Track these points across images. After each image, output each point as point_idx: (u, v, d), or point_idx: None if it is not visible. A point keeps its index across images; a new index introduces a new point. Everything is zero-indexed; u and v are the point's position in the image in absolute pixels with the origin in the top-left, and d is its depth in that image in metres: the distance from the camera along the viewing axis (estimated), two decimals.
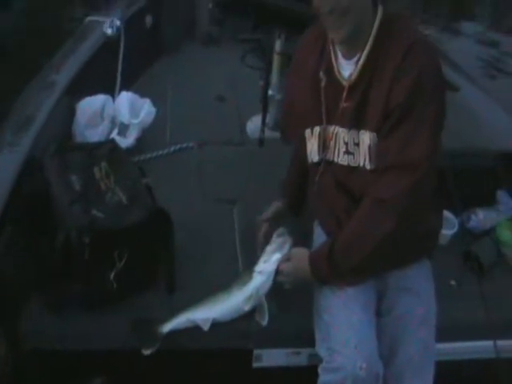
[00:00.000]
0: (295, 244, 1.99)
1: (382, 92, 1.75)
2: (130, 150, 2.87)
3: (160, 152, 2.97)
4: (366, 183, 1.83)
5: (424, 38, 1.80)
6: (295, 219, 2.28)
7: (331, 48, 1.88)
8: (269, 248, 1.96)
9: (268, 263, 1.94)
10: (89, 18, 3.75)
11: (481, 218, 2.62)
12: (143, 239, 2.08)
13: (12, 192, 2.12)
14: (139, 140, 3.00)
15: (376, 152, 1.79)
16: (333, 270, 1.84)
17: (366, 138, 1.81)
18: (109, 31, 3.55)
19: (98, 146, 2.40)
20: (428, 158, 1.75)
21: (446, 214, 2.48)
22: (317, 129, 1.93)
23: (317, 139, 1.93)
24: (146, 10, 4.08)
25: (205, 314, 1.97)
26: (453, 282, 2.33)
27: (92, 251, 1.96)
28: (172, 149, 3.01)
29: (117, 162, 2.30)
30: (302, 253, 1.92)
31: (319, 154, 1.94)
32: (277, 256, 1.93)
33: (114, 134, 2.90)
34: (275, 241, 1.97)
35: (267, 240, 2.04)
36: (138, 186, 2.22)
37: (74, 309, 2.03)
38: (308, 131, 1.96)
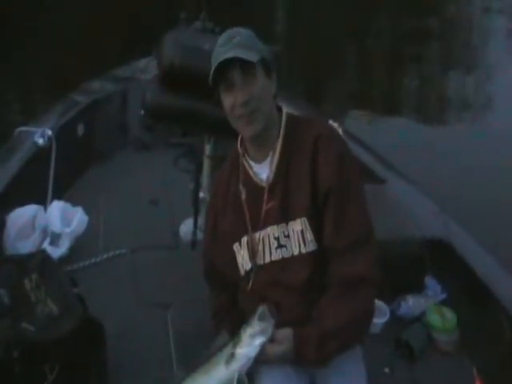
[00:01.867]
0: None
1: (303, 182, 1.87)
2: (63, 259, 2.88)
3: (93, 260, 2.98)
4: (305, 267, 1.89)
5: (328, 128, 1.99)
6: None
7: (244, 160, 2.00)
8: (251, 330, 1.85)
9: (252, 347, 1.83)
10: (19, 129, 3.79)
11: (410, 304, 2.70)
12: (75, 350, 2.06)
13: None
14: (72, 249, 3.00)
15: (324, 234, 1.86)
16: (319, 355, 1.83)
17: (297, 225, 1.89)
18: (40, 141, 3.59)
19: (28, 257, 2.41)
20: (371, 227, 1.89)
21: (377, 302, 2.54)
22: (244, 239, 2.00)
23: (246, 248, 2.00)
24: (78, 118, 4.16)
25: None
26: (386, 370, 2.36)
27: (22, 365, 1.94)
28: (105, 256, 3.02)
29: (48, 273, 2.30)
30: (288, 335, 1.86)
31: (250, 262, 2.00)
32: (261, 340, 1.83)
33: (46, 244, 2.90)
34: (258, 324, 1.85)
35: None
36: (70, 296, 2.21)
37: None
38: (236, 245, 2.02)
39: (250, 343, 1.84)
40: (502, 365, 2.33)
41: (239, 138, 2.05)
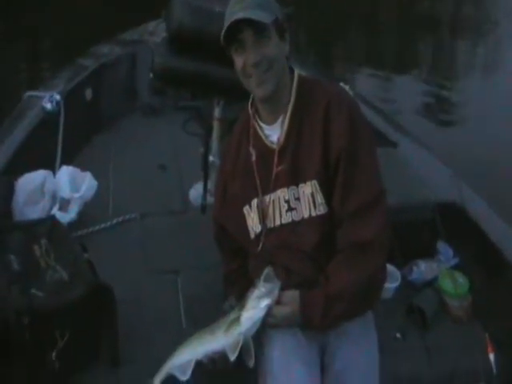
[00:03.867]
0: None
1: (314, 145, 1.86)
2: (72, 225, 2.86)
3: (103, 225, 2.97)
4: (315, 231, 1.89)
5: (340, 90, 2.00)
6: None
7: (254, 122, 1.97)
8: (257, 292, 1.84)
9: (257, 309, 1.82)
10: (28, 94, 3.77)
11: (422, 269, 2.67)
12: (85, 315, 2.06)
13: None
14: (81, 214, 2.99)
15: (335, 197, 1.85)
16: (325, 318, 1.83)
17: (307, 188, 1.88)
18: (48, 106, 3.58)
19: (37, 223, 2.40)
20: (383, 191, 1.88)
21: (389, 267, 2.52)
22: (254, 202, 1.98)
23: (256, 211, 1.99)
24: (86, 83, 4.12)
25: (188, 356, 1.89)
26: (398, 335, 2.35)
27: (32, 331, 1.94)
28: (115, 221, 3.01)
29: (57, 239, 2.29)
30: (294, 297, 1.87)
31: (260, 224, 1.98)
32: (266, 302, 1.82)
33: (55, 210, 2.88)
34: (263, 285, 1.84)
35: None
36: (80, 261, 2.21)
37: None
38: (246, 208, 2.01)
39: (255, 305, 1.83)
40: None
41: (250, 100, 2.02)
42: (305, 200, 1.89)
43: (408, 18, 9.94)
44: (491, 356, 2.23)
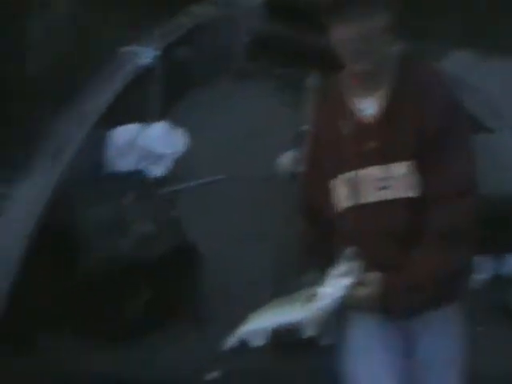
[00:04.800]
0: None
1: (409, 125, 1.78)
2: (161, 181, 2.88)
3: (190, 183, 2.97)
4: (404, 213, 1.81)
5: (436, 72, 1.90)
6: None
7: (349, 95, 1.90)
8: (338, 271, 1.77)
9: (337, 288, 1.76)
10: (123, 49, 3.81)
11: None
12: (169, 271, 2.09)
13: (40, 223, 2.13)
14: (170, 170, 3.01)
15: (427, 181, 1.77)
16: (405, 305, 1.76)
17: (400, 168, 1.80)
18: (143, 61, 3.61)
19: (127, 176, 2.44)
20: (475, 179, 1.79)
21: (479, 258, 2.43)
22: (343, 176, 1.92)
23: (344, 186, 1.93)
24: (181, 41, 4.13)
25: (264, 323, 1.81)
26: (480, 328, 2.27)
27: (117, 281, 1.98)
28: (202, 181, 3.02)
29: (145, 193, 2.33)
30: (375, 279, 1.77)
31: (348, 200, 1.93)
32: (346, 281, 1.75)
33: (145, 164, 2.91)
34: (345, 264, 1.77)
35: None
36: (167, 217, 2.23)
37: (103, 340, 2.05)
38: (334, 181, 1.95)
39: (335, 283, 1.77)
40: None
41: (345, 72, 1.96)
42: (397, 180, 1.82)
43: None
44: None
